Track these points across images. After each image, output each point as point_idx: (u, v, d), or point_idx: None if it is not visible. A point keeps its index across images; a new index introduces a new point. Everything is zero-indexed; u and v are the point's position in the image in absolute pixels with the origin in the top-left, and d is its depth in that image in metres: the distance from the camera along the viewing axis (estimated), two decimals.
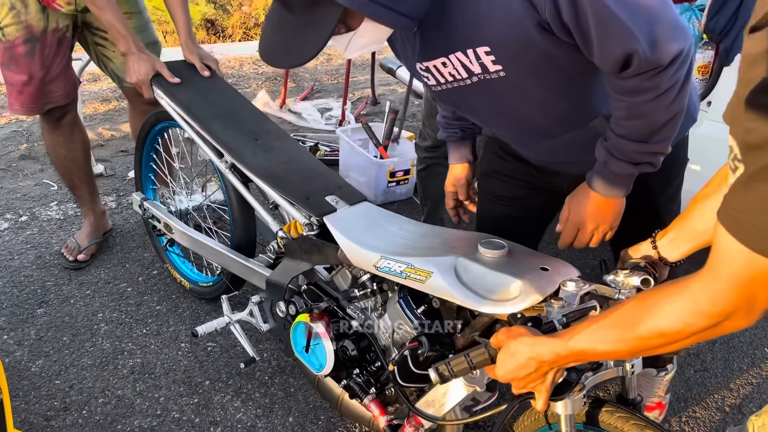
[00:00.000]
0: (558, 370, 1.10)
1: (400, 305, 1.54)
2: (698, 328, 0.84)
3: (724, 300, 0.80)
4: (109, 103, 4.35)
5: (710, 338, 0.88)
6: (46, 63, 2.32)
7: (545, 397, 1.13)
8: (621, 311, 0.95)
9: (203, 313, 2.49)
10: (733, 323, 0.83)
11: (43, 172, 3.40)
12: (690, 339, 0.87)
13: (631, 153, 1.31)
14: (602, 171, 1.37)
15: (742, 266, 0.77)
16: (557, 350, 1.03)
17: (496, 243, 1.37)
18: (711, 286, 0.82)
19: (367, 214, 1.68)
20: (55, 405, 2.06)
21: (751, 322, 0.82)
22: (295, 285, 1.85)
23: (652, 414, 2.09)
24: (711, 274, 0.82)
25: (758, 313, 0.81)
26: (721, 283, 0.80)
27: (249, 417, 2.07)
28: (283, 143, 2.00)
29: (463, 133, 1.78)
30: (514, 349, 1.08)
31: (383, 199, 3.41)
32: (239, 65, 5.32)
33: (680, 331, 0.86)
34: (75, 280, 2.62)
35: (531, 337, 1.07)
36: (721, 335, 0.86)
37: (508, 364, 1.10)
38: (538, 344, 1.05)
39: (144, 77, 2.17)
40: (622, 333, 0.93)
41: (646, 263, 1.25)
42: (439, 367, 1.19)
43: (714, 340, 2.62)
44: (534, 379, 1.10)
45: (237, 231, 2.19)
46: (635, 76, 1.19)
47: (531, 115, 1.41)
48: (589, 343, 0.98)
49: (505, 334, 1.12)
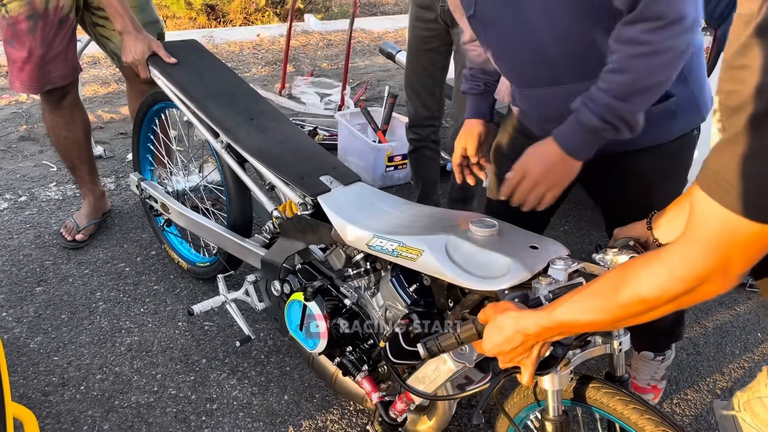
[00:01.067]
0: (543, 344, 1.11)
1: (392, 283, 1.56)
2: (675, 293, 0.85)
3: (700, 264, 0.81)
4: (108, 86, 4.35)
5: (689, 305, 0.88)
6: (47, 41, 2.33)
7: (531, 371, 1.14)
8: (602, 281, 0.96)
9: (200, 293, 2.51)
10: (709, 288, 0.83)
11: (42, 153, 3.41)
12: (669, 305, 0.88)
13: (602, 106, 1.32)
14: (570, 121, 1.38)
15: (718, 228, 0.78)
16: (541, 322, 1.04)
17: (487, 222, 1.39)
18: (687, 250, 0.83)
19: (360, 194, 1.69)
20: (54, 381, 2.09)
21: (726, 286, 0.83)
22: (290, 264, 1.87)
23: (647, 396, 2.11)
24: (687, 237, 0.83)
25: (733, 277, 0.82)
26: (697, 246, 0.81)
27: (245, 394, 2.10)
28: (279, 124, 2.01)
29: (486, 88, 1.80)
30: (500, 323, 1.10)
31: (381, 183, 3.42)
32: (239, 50, 5.31)
33: (658, 297, 0.87)
34: (74, 259, 2.64)
35: (516, 310, 1.09)
36: (699, 302, 0.87)
37: (494, 338, 1.11)
38: (523, 317, 1.07)
39: (140, 57, 2.18)
40: (603, 301, 0.94)
41: (636, 242, 1.27)
42: (428, 342, 1.21)
43: (707, 323, 2.65)
44: (520, 353, 1.11)
45: (233, 211, 2.20)
46: (637, 23, 1.23)
47: (548, 45, 1.41)
48: (571, 313, 1.00)
49: (492, 309, 1.13)
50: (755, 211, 0.75)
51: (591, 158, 1.42)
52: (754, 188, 0.75)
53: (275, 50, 5.36)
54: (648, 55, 1.24)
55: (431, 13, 2.31)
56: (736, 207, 0.76)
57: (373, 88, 4.71)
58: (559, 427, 1.27)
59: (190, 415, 2.01)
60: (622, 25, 1.26)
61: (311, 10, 6.80)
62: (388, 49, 3.75)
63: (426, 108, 2.55)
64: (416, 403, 1.60)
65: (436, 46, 2.40)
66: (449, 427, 2.03)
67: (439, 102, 2.57)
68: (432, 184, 2.79)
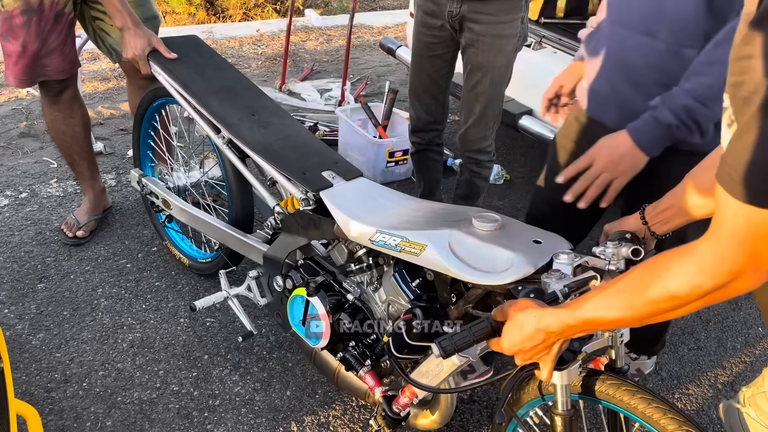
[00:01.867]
0: (564, 340, 1.11)
1: (395, 278, 1.56)
2: (706, 288, 0.84)
3: (730, 259, 0.80)
4: (108, 82, 4.34)
5: (720, 301, 0.86)
6: (42, 36, 2.32)
7: (550, 367, 1.14)
8: (629, 277, 0.95)
9: (202, 289, 2.51)
10: (741, 284, 0.82)
11: (42, 149, 3.40)
12: (699, 302, 0.87)
13: (682, 107, 1.36)
14: (646, 116, 1.43)
15: (742, 222, 0.77)
16: (565, 320, 1.03)
17: (490, 216, 1.39)
18: (716, 246, 0.82)
19: (362, 189, 1.69)
20: (56, 377, 2.09)
21: (759, 281, 0.82)
22: (292, 260, 1.87)
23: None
24: (715, 233, 0.82)
25: (766, 271, 0.81)
26: (725, 241, 0.80)
27: (247, 390, 2.10)
28: (281, 119, 2.01)
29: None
30: (521, 321, 1.08)
31: (382, 179, 3.42)
32: (239, 45, 5.30)
33: (689, 293, 0.85)
34: (75, 256, 2.64)
35: (538, 308, 1.08)
36: (731, 297, 0.85)
37: (514, 336, 1.10)
38: (546, 315, 1.05)
39: (141, 52, 2.17)
40: (631, 298, 0.93)
41: (631, 235, 1.27)
42: (442, 341, 1.18)
43: (708, 319, 2.65)
44: (540, 351, 1.10)
45: (235, 207, 2.20)
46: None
47: (659, 28, 1.46)
48: (597, 311, 0.98)
49: (511, 307, 1.12)
50: (764, 199, 0.75)
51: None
52: (755, 175, 0.74)
53: (275, 46, 5.35)
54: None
55: (437, 21, 2.30)
56: (750, 198, 0.75)
57: (374, 84, 4.70)
58: (569, 421, 1.27)
59: (193, 411, 2.01)
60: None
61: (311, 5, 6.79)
62: (389, 45, 3.74)
63: (429, 113, 2.55)
64: (419, 397, 1.60)
65: (441, 53, 2.39)
66: (451, 422, 2.04)
67: (443, 107, 2.57)
68: (434, 182, 2.80)
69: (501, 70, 2.30)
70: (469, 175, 2.56)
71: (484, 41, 2.23)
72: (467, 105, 2.41)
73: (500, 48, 2.24)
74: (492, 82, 2.31)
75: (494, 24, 2.21)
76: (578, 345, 1.16)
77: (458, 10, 2.21)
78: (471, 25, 2.23)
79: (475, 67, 2.30)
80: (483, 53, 2.25)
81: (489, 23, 2.21)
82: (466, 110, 2.42)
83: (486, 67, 2.28)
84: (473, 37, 2.25)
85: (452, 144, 3.84)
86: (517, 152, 3.88)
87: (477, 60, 2.28)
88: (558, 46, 3.14)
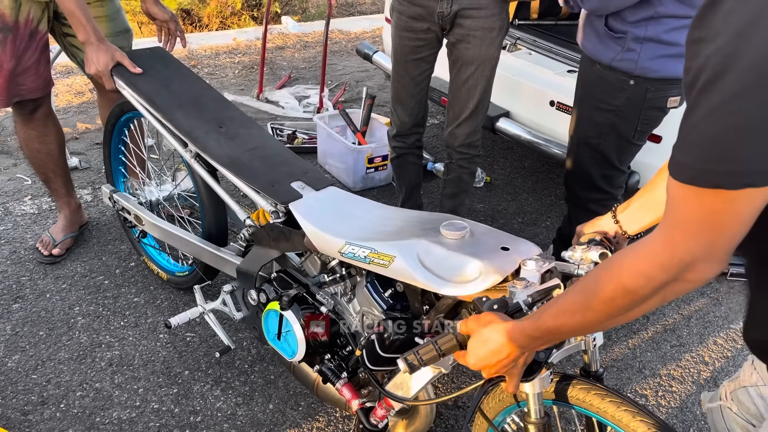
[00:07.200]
0: (529, 353, 1.09)
1: (367, 289, 1.55)
2: (660, 281, 0.82)
3: (682, 248, 0.79)
4: (83, 96, 4.30)
5: (678, 295, 0.85)
6: (17, 54, 2.29)
7: (516, 380, 1.13)
8: (585, 278, 0.94)
9: (181, 304, 2.49)
10: (695, 275, 0.81)
11: (16, 166, 3.36)
12: (656, 297, 0.85)
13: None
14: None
15: (692, 207, 0.77)
16: (529, 332, 1.01)
17: (458, 224, 1.38)
18: (667, 236, 0.81)
19: (332, 199, 1.68)
20: (33, 399, 2.06)
21: (713, 271, 0.80)
22: (266, 272, 1.85)
23: None
24: (666, 223, 0.81)
25: (720, 258, 0.79)
26: (676, 230, 0.80)
27: (229, 405, 2.08)
28: (248, 130, 1.99)
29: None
30: (485, 337, 1.07)
31: (362, 185, 3.40)
32: (215, 54, 5.27)
33: (643, 287, 0.84)
34: (51, 274, 2.60)
35: (501, 323, 1.06)
36: (688, 291, 0.83)
37: (479, 352, 1.08)
38: (509, 330, 1.04)
39: (103, 68, 2.13)
40: (588, 300, 0.91)
41: (603, 237, 1.26)
42: (408, 357, 1.17)
43: (689, 315, 2.65)
44: (506, 365, 1.09)
45: (207, 220, 2.18)
46: None
47: None
48: (557, 318, 0.96)
49: (475, 322, 1.10)
50: (708, 178, 0.74)
51: None
52: (700, 155, 0.74)
53: (252, 54, 5.32)
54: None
55: (424, 23, 2.30)
56: (694, 178, 0.75)
57: (352, 90, 4.69)
58: (542, 429, 1.26)
59: (174, 429, 1.99)
60: None
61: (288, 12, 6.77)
62: (365, 50, 3.73)
63: (412, 116, 2.56)
64: (395, 408, 1.58)
65: (425, 55, 2.40)
66: (436, 429, 2.02)
67: (424, 108, 2.58)
68: (415, 187, 2.79)
69: (493, 61, 2.33)
70: (459, 171, 2.57)
71: (475, 35, 2.24)
72: (459, 101, 2.40)
73: (491, 40, 2.27)
74: (484, 74, 2.33)
75: (484, 18, 2.22)
76: (543, 356, 1.15)
77: (449, 10, 2.22)
78: (462, 21, 2.24)
79: (467, 62, 2.31)
80: (475, 47, 2.27)
81: (480, 17, 2.22)
82: (458, 107, 2.42)
83: (478, 60, 2.29)
84: (464, 33, 2.26)
85: (432, 148, 3.83)
86: (496, 154, 3.88)
87: (468, 54, 2.29)
88: (533, 47, 3.14)
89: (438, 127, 4.12)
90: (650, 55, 1.90)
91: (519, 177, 3.65)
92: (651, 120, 2.06)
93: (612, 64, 1.98)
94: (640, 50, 1.90)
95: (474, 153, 2.53)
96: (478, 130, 2.49)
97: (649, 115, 2.03)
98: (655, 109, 2.02)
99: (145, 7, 2.58)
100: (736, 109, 0.70)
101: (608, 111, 2.06)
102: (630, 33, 1.90)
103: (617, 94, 2.01)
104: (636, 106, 2.01)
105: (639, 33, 1.89)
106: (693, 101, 0.74)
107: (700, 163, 0.74)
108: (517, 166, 3.76)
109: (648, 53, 1.90)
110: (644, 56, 1.91)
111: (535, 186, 3.57)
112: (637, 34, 1.89)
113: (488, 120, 3.00)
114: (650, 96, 1.97)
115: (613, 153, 2.13)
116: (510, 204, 3.37)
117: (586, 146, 2.18)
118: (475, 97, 2.37)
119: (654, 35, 1.87)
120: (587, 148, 2.18)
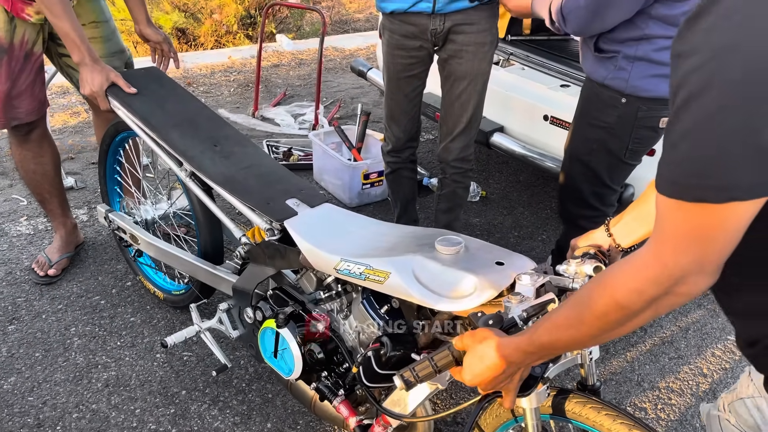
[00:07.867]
0: (525, 368, 1.09)
1: (363, 306, 1.55)
2: (651, 295, 0.82)
3: (672, 261, 0.79)
4: (78, 116, 4.32)
5: (670, 309, 0.85)
6: (12, 77, 2.30)
7: (512, 396, 1.12)
8: (578, 293, 0.94)
9: (178, 323, 2.48)
10: (687, 288, 0.81)
11: (12, 187, 3.36)
12: (648, 311, 0.85)
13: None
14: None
15: (679, 221, 0.77)
16: (524, 348, 1.01)
17: (452, 240, 1.38)
18: (658, 250, 0.81)
19: (327, 216, 1.68)
20: (29, 422, 2.04)
21: (705, 284, 0.81)
22: (262, 290, 1.85)
23: None
24: (656, 237, 0.82)
25: (711, 271, 0.80)
26: (666, 245, 0.80)
27: (227, 425, 2.07)
28: (243, 148, 1.99)
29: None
30: (481, 353, 1.06)
31: (359, 201, 3.41)
32: (210, 73, 5.30)
33: (635, 301, 0.84)
34: (47, 295, 2.60)
35: (496, 338, 1.05)
36: (680, 305, 0.83)
37: (475, 368, 1.08)
38: (504, 345, 1.04)
39: (98, 88, 2.14)
40: (581, 314, 0.91)
41: (597, 251, 1.26)
42: (404, 373, 1.16)
43: (687, 327, 2.65)
44: (501, 381, 1.08)
45: (203, 238, 2.18)
46: None
47: None
48: (552, 333, 0.96)
49: (471, 338, 1.09)
50: (694, 193, 0.75)
51: None
52: (684, 170, 0.75)
53: (247, 72, 5.35)
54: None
55: (416, 41, 2.32)
56: (679, 193, 0.75)
57: (347, 106, 4.71)
58: None
59: None
60: None
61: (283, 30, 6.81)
62: (359, 67, 3.75)
63: (406, 132, 2.58)
64: (393, 425, 1.58)
65: (418, 72, 2.42)
66: None
67: (417, 123, 2.60)
68: (410, 202, 2.80)
69: (485, 76, 2.35)
70: (453, 186, 2.58)
71: (468, 50, 2.27)
72: (452, 116, 2.42)
73: (483, 55, 2.29)
74: (476, 88, 2.35)
75: (476, 33, 2.25)
76: (539, 370, 1.15)
77: (442, 27, 2.24)
78: (455, 36, 2.26)
79: (459, 77, 2.33)
80: (467, 62, 2.29)
81: (472, 32, 2.24)
82: (451, 122, 2.43)
83: (471, 74, 2.31)
84: (457, 48, 2.28)
85: (427, 163, 3.84)
86: (492, 169, 3.89)
87: (461, 69, 2.31)
88: (526, 63, 3.17)
89: (433, 142, 4.14)
90: (641, 74, 1.91)
91: (515, 191, 3.66)
92: (643, 140, 2.07)
93: (605, 82, 2.00)
94: (631, 69, 1.92)
95: (467, 167, 2.54)
96: (471, 144, 2.50)
97: (641, 134, 2.04)
98: (647, 128, 2.02)
99: (138, 29, 2.60)
100: (719, 125, 0.71)
101: (600, 128, 2.07)
102: (622, 52, 1.92)
103: (609, 112, 2.03)
104: (627, 124, 2.01)
105: (630, 52, 1.90)
106: (675, 116, 0.75)
107: (684, 178, 0.75)
108: (513, 181, 3.77)
109: (639, 72, 1.91)
110: (635, 75, 1.92)
111: (531, 200, 3.58)
112: (628, 53, 1.91)
113: (483, 135, 3.01)
114: (641, 115, 1.98)
115: (603, 171, 2.14)
116: (506, 218, 3.38)
117: (578, 162, 2.19)
118: (468, 111, 2.38)
119: (644, 55, 1.89)
120: (579, 164, 2.19)
